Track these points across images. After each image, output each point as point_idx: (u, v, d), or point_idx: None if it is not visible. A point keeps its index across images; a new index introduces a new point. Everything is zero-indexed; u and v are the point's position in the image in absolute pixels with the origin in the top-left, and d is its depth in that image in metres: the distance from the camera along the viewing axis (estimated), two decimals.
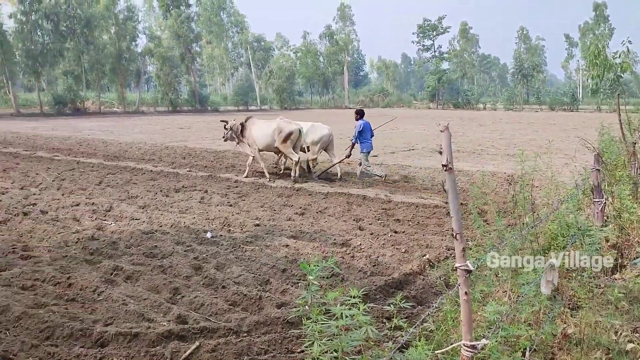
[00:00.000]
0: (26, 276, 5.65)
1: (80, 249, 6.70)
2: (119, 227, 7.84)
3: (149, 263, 6.17)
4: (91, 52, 52.17)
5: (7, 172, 13.14)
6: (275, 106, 68.35)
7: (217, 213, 8.79)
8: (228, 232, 7.67)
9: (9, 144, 20.32)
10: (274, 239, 7.26)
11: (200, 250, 6.66)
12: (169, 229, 7.75)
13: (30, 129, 29.33)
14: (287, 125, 12.10)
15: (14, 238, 7.21)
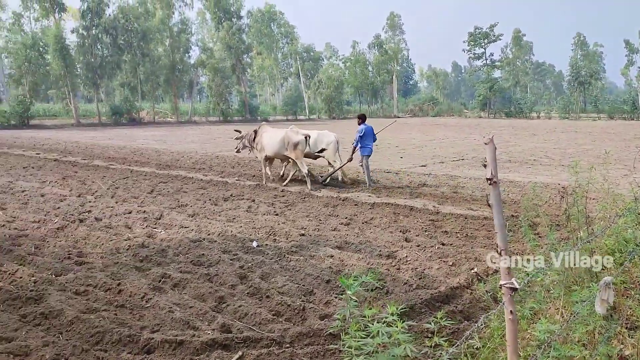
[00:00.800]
0: (80, 281, 5.84)
1: (130, 256, 6.88)
2: (169, 235, 8.02)
3: (195, 271, 6.27)
4: (146, 64, 54.04)
5: (66, 180, 13.70)
6: (324, 115, 68.68)
7: (264, 222, 8.87)
8: (273, 242, 7.71)
9: (69, 153, 21.20)
10: (318, 249, 7.25)
11: (246, 259, 6.72)
12: (216, 238, 7.86)
13: (89, 138, 30.54)
14: (294, 135, 12.62)
15: (70, 244, 7.49)
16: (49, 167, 16.30)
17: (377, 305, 5.16)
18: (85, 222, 8.85)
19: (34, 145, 25.05)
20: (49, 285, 5.68)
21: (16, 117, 44.31)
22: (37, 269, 6.27)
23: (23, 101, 44.69)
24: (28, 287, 5.62)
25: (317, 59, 78.88)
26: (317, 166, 16.12)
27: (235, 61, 60.45)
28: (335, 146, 13.48)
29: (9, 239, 7.67)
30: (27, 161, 18.04)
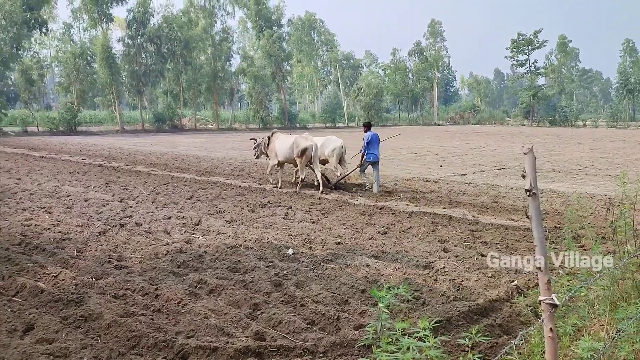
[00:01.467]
0: (119, 285, 5.96)
1: (169, 261, 6.99)
2: (206, 241, 8.11)
3: (231, 277, 6.32)
4: (189, 72, 55.15)
5: (109, 185, 14.07)
6: None
7: (300, 229, 8.89)
8: (309, 250, 7.70)
9: (112, 158, 21.79)
10: (354, 258, 7.20)
11: (282, 267, 6.73)
12: (252, 244, 7.91)
13: (132, 144, 31.34)
14: (303, 141, 13.26)
15: (110, 248, 7.67)
16: (94, 173, 16.78)
17: (413, 317, 5.07)
18: (125, 227, 9.05)
19: (80, 151, 25.86)
20: (90, 289, 5.81)
21: (64, 124, 45.90)
22: (78, 272, 6.44)
23: (71, 108, 46.29)
24: (70, 289, 5.78)
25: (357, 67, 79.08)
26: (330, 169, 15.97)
27: (275, 69, 61.08)
28: (339, 152, 13.97)
29: (54, 242, 7.92)
30: (73, 166, 18.63)
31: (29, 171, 16.91)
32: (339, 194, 12.90)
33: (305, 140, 13.28)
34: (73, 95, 48.93)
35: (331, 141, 14.23)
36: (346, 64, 77.12)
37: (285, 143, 13.51)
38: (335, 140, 14.24)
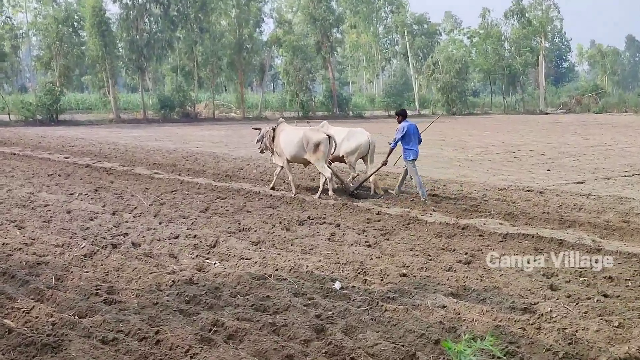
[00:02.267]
0: (108, 326, 6.09)
1: (174, 295, 7.10)
2: (225, 269, 8.21)
3: (257, 319, 6.36)
4: (206, 41, 56.07)
5: (99, 192, 14.44)
6: (440, 110, 68.12)
7: (351, 256, 8.88)
8: (363, 283, 7.69)
9: (104, 157, 22.40)
10: (426, 296, 7.15)
11: (325, 306, 6.73)
12: (286, 274, 7.96)
13: (131, 138, 32.14)
14: (314, 134, 13.88)
15: (99, 276, 7.84)
16: (79, 176, 17.28)
17: None
18: (119, 248, 9.24)
19: (62, 146, 26.71)
20: (71, 330, 5.96)
21: (43, 111, 47.60)
22: (57, 307, 6.61)
23: (52, 90, 47.92)
24: (45, 330, 5.94)
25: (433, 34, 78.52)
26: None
27: (321, 37, 61.51)
28: (364, 149, 14.75)
29: (26, 266, 8.16)
30: (53, 167, 19.24)
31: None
32: (404, 206, 12.83)
33: (317, 132, 13.96)
34: (54, 73, 50.75)
35: (355, 135, 14.86)
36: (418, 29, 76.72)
37: (292, 137, 14.18)
38: (360, 135, 14.85)
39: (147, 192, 14.53)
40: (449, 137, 33.43)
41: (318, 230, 10.63)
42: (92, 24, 49.99)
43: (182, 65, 57.61)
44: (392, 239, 10.02)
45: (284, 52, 60.73)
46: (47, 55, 51.44)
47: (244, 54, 58.06)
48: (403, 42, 76.81)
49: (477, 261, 8.76)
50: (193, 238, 9.97)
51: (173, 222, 11.29)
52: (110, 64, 52.22)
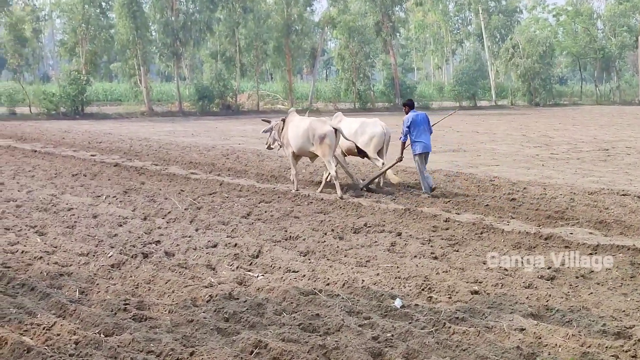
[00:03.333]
0: (138, 346, 6.20)
1: (212, 312, 7.18)
2: (269, 283, 8.27)
3: (305, 340, 6.39)
4: (249, 23, 56.46)
5: (129, 194, 14.72)
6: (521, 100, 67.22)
7: (414, 269, 8.85)
8: (428, 301, 7.67)
9: (135, 155, 22.81)
10: (501, 316, 7.08)
11: (383, 327, 6.72)
12: (339, 290, 7.98)
13: (164, 134, 32.65)
14: (320, 126, 14.72)
15: (127, 289, 7.99)
16: (107, 176, 17.63)
17: None
18: (150, 258, 9.40)
19: (88, 142, 27.31)
20: (95, 349, 6.08)
21: (67, 102, 48.67)
22: (80, 324, 6.76)
23: (77, 79, 48.93)
24: (67, 349, 6.07)
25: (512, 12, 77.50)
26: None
27: (381, 17, 61.37)
28: (379, 141, 15.74)
29: (47, 277, 8.37)
30: (78, 166, 19.67)
31: (15, 172, 18.07)
32: (477, 213, 12.73)
33: (323, 124, 14.83)
34: (80, 60, 51.64)
35: (368, 126, 15.86)
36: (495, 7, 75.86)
37: (299, 128, 15.05)
38: (374, 125, 15.91)
39: (183, 195, 14.74)
40: (530, 132, 32.99)
41: (376, 239, 10.61)
42: (122, 4, 50.85)
43: (223, 50, 58.04)
44: (462, 251, 9.95)
45: (338, 34, 60.81)
46: (72, 40, 52.36)
47: (292, 36, 58.29)
48: (477, 22, 76.03)
49: (561, 277, 8.63)
50: (233, 247, 10.06)
51: (211, 228, 11.42)
52: (142, 50, 52.95)
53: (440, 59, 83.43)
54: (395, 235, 10.86)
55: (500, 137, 30.34)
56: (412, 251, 9.87)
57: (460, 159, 21.49)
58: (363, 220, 11.96)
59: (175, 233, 10.97)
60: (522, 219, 12.22)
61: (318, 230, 11.27)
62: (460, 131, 34.05)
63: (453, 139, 29.04)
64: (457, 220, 12.11)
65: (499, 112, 55.12)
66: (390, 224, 11.77)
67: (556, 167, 19.26)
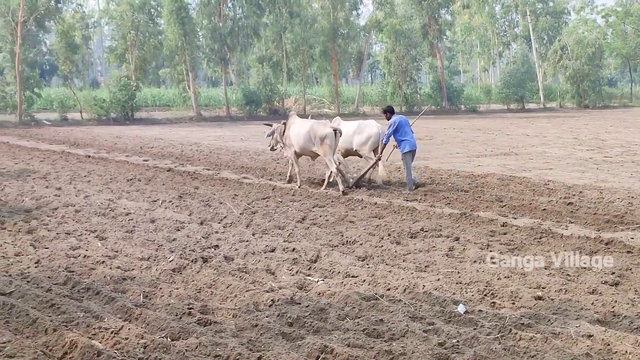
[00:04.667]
0: (204, 350, 6.26)
1: (275, 317, 7.22)
2: (329, 287, 8.29)
3: (371, 345, 6.38)
4: (296, 28, 56.67)
5: (184, 199, 14.88)
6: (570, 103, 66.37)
7: (474, 274, 8.80)
8: (492, 307, 7.61)
9: (187, 160, 23.04)
10: (567, 322, 6.99)
11: (448, 333, 6.68)
12: (400, 295, 7.96)
13: (214, 139, 32.93)
14: (320, 127, 15.90)
15: (190, 294, 8.08)
16: (161, 180, 17.86)
17: None
18: (210, 262, 9.51)
19: (140, 147, 27.68)
20: (164, 353, 6.16)
21: (118, 108, 49.36)
22: (147, 328, 6.85)
23: (127, 85, 49.58)
24: (136, 353, 6.16)
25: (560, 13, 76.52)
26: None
27: (428, 19, 61.12)
28: (375, 140, 16.72)
29: (111, 281, 8.51)
30: (132, 171, 19.96)
31: (71, 177, 18.38)
32: (534, 217, 12.60)
33: (324, 126, 15.97)
34: (130, 66, 52.32)
35: (365, 127, 16.97)
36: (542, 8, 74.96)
37: (300, 129, 16.27)
38: (370, 126, 16.95)
39: (237, 199, 14.86)
40: (582, 135, 32.52)
41: (433, 244, 10.58)
42: (171, 11, 51.32)
43: (270, 55, 58.41)
44: (523, 255, 9.85)
45: (384, 38, 60.65)
46: (122, 47, 53.07)
47: (338, 40, 58.36)
48: (524, 24, 75.12)
49: (626, 282, 8.50)
50: (291, 252, 10.13)
51: (267, 233, 11.51)
52: (190, 55, 53.45)
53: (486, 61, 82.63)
54: (453, 239, 10.81)
55: (551, 140, 29.97)
56: (471, 256, 9.82)
57: (512, 162, 21.27)
58: (419, 225, 11.92)
59: (232, 237, 11.07)
60: (580, 224, 12.06)
61: (374, 234, 11.27)
62: (510, 134, 33.76)
63: (503, 142, 28.81)
64: (514, 224, 12.00)
65: (548, 115, 54.50)
66: (447, 228, 11.72)
67: (611, 171, 18.97)
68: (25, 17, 46.03)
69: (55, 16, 49.67)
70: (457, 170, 19.09)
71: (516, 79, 66.43)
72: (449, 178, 17.63)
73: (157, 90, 71.77)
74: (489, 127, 39.86)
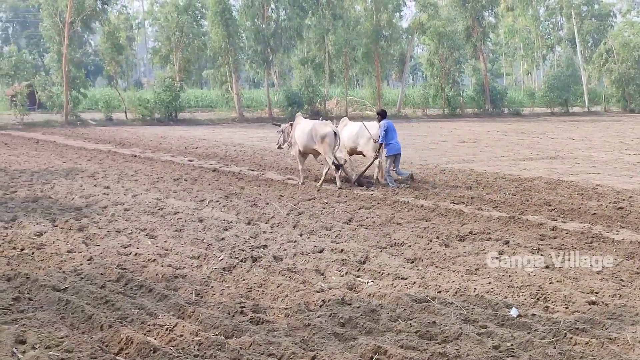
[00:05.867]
0: (258, 348, 6.30)
1: (326, 317, 7.24)
2: (379, 289, 8.30)
3: (424, 347, 6.37)
4: (339, 29, 56.58)
5: (231, 199, 14.99)
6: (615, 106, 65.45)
7: (526, 278, 8.73)
8: (545, 311, 7.55)
9: (231, 160, 23.20)
10: (623, 328, 6.92)
11: (502, 336, 6.64)
12: (451, 298, 7.94)
13: (257, 139, 33.10)
14: (321, 127, 17.19)
15: (241, 292, 8.16)
16: (207, 181, 18.02)
17: None
18: (259, 262, 9.59)
19: (185, 148, 27.95)
20: (219, 351, 6.21)
21: (162, 108, 49.76)
22: (200, 325, 6.92)
23: (171, 86, 49.99)
24: (191, 350, 6.22)
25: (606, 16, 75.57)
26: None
27: (471, 22, 60.69)
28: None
29: (162, 279, 8.63)
30: (178, 170, 20.18)
31: (119, 176, 18.64)
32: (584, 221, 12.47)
33: (325, 126, 17.30)
34: (174, 68, 52.73)
35: (368, 128, 17.87)
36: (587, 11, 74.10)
37: (304, 129, 17.54)
38: (372, 127, 17.81)
39: (283, 200, 14.93)
40: (628, 139, 32.07)
41: (483, 246, 10.52)
42: (215, 12, 51.49)
43: (312, 56, 58.35)
44: (575, 260, 9.74)
45: (427, 41, 60.32)
46: (166, 48, 53.49)
47: (381, 42, 58.14)
48: (569, 26, 74.36)
49: None
50: (340, 253, 10.15)
51: (315, 233, 11.55)
52: (233, 57, 53.68)
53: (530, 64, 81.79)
54: (503, 243, 10.72)
55: (597, 144, 29.60)
56: (521, 259, 9.73)
57: (558, 166, 21.03)
58: (467, 228, 11.85)
59: (280, 238, 11.14)
60: (632, 229, 11.88)
61: (422, 237, 11.23)
62: (555, 138, 33.40)
63: (548, 146, 28.52)
64: (564, 229, 11.87)
65: (593, 119, 53.76)
66: (496, 231, 11.63)
67: None
68: (72, 18, 46.77)
69: (102, 17, 50.29)
70: (503, 173, 18.93)
71: (560, 82, 65.64)
72: (495, 181, 17.50)
73: (199, 91, 72.38)
74: (533, 130, 39.46)
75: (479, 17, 61.18)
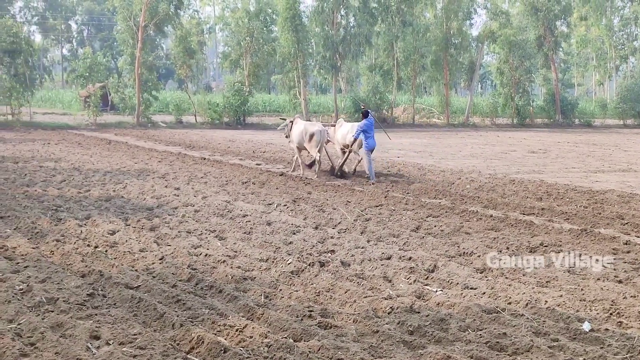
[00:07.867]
0: (327, 353, 6.31)
1: (395, 324, 7.22)
2: (448, 298, 8.23)
3: (494, 358, 6.30)
4: (408, 37, 56.39)
5: (298, 203, 15.10)
6: None
7: (599, 292, 8.53)
8: (618, 326, 7.37)
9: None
10: None
11: (574, 350, 6.52)
12: (522, 310, 7.83)
13: None
14: (310, 127, 20.29)
15: (309, 296, 8.19)
16: (274, 184, 18.20)
17: None
18: (327, 267, 9.62)
19: (253, 151, 28.28)
20: (288, 353, 6.25)
21: (231, 113, 50.35)
22: (270, 328, 6.98)
23: (240, 90, 50.51)
24: (261, 352, 6.28)
25: None
26: None
27: (543, 31, 59.79)
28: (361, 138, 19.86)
29: (232, 281, 8.74)
30: (246, 174, 20.41)
31: (189, 178, 18.96)
32: None
33: (313, 125, 20.48)
34: (243, 72, 53.26)
35: (356, 128, 19.96)
36: None
37: (299, 129, 20.38)
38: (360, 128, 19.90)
39: (350, 206, 14.96)
40: None
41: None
42: (285, 18, 51.85)
43: (380, 63, 58.35)
44: None
45: (497, 49, 59.66)
46: (237, 52, 54.11)
47: (450, 50, 57.75)
48: None
49: None
50: (407, 260, 10.12)
51: (382, 240, 11.54)
52: (302, 62, 53.98)
53: (602, 75, 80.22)
54: (576, 256, 10.52)
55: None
56: (596, 272, 9.57)
57: (632, 179, 20.57)
58: (538, 240, 11.64)
59: (348, 243, 11.17)
60: None
61: (491, 247, 11.10)
62: (628, 150, 32.69)
63: (621, 158, 27.92)
64: (637, 243, 11.59)
65: None
66: (567, 243, 11.41)
67: None
68: (146, 22, 47.86)
69: (174, 21, 51.14)
70: (575, 185, 18.61)
71: (634, 94, 64.05)
72: (566, 193, 17.20)
73: (267, 96, 73.02)
74: (605, 142, 38.68)
75: (551, 26, 60.21)
